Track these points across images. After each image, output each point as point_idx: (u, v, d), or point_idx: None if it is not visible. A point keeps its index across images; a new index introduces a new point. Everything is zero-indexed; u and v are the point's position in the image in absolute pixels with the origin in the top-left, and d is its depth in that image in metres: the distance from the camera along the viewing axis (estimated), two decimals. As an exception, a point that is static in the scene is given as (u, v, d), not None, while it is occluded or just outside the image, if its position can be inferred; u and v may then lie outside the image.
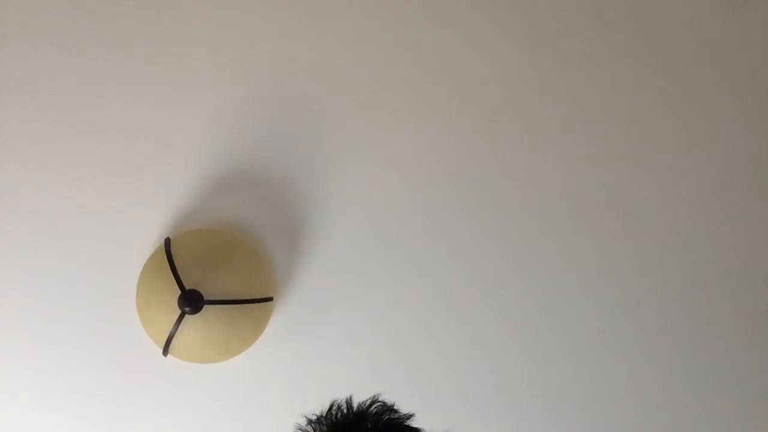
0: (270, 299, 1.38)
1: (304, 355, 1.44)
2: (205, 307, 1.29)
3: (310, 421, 0.90)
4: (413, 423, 0.90)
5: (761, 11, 1.50)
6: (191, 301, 1.28)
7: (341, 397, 0.91)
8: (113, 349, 1.41)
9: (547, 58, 1.48)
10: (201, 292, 1.29)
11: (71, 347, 1.41)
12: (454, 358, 1.46)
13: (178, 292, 1.29)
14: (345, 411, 0.90)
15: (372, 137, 1.46)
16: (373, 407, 0.90)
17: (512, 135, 1.48)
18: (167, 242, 1.34)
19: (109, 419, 1.41)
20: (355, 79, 1.46)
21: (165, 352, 1.33)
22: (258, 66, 1.46)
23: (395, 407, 0.91)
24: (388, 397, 0.92)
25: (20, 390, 1.41)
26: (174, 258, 1.32)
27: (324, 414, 0.90)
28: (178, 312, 1.29)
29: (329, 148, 1.45)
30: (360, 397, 0.92)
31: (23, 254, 1.41)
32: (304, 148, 1.45)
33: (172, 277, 1.30)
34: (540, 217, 1.47)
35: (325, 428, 0.88)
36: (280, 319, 1.43)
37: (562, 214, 1.47)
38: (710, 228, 1.49)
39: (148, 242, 1.41)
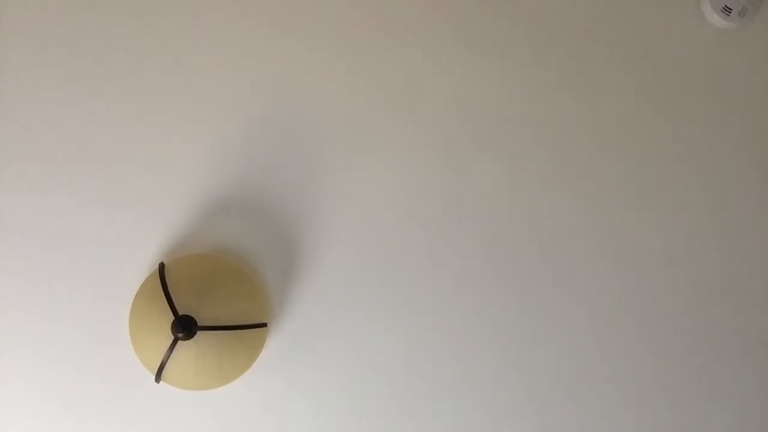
0: (264, 325, 1.37)
1: (298, 382, 1.42)
2: (199, 333, 1.28)
3: None
4: None
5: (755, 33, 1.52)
6: (184, 327, 1.27)
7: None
8: (104, 376, 1.39)
9: (551, 84, 1.49)
10: (195, 317, 1.28)
11: (62, 372, 1.39)
12: (451, 385, 1.45)
13: (172, 317, 1.28)
14: None
15: (368, 164, 1.46)
16: None
17: (513, 162, 1.48)
18: (161, 267, 1.34)
19: (100, 447, 1.40)
20: (351, 105, 1.47)
21: (157, 378, 1.32)
22: (253, 92, 1.46)
23: None
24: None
25: (9, 416, 1.39)
26: (168, 283, 1.31)
27: None
28: (171, 338, 1.28)
29: (325, 174, 1.45)
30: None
31: (15, 278, 1.40)
32: (300, 174, 1.45)
33: (166, 302, 1.29)
34: (541, 246, 1.47)
35: None
36: (274, 345, 1.42)
37: (563, 244, 1.47)
38: (705, 237, 1.49)
39: (142, 267, 1.40)
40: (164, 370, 1.30)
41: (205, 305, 1.30)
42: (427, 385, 1.44)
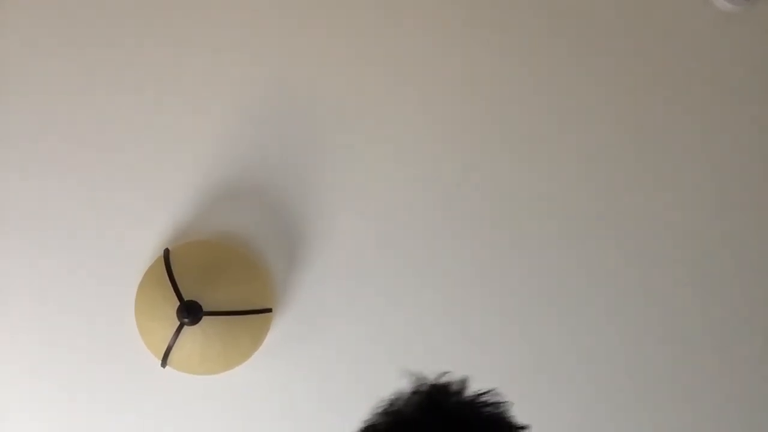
0: (269, 310, 1.37)
1: (303, 366, 1.43)
2: (204, 318, 1.29)
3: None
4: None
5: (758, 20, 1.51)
6: (190, 312, 1.28)
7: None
8: (111, 361, 1.40)
9: (556, 68, 1.48)
10: (200, 303, 1.29)
11: (69, 358, 1.40)
12: (455, 366, 1.45)
13: (177, 303, 1.28)
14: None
15: (370, 149, 1.46)
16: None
17: (514, 143, 1.48)
18: (166, 253, 1.34)
19: None
20: (354, 91, 1.47)
21: (163, 363, 1.33)
22: (258, 80, 1.46)
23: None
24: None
25: (17, 402, 1.40)
26: (173, 269, 1.31)
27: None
28: (177, 323, 1.28)
29: (328, 160, 1.45)
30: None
31: (22, 265, 1.41)
32: (304, 159, 1.45)
33: (171, 288, 1.29)
34: (541, 221, 1.47)
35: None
36: (279, 330, 1.42)
37: (564, 219, 1.47)
38: (713, 226, 1.49)
39: (147, 253, 1.40)
40: (170, 355, 1.31)
41: (210, 291, 1.30)
42: (431, 365, 1.44)
